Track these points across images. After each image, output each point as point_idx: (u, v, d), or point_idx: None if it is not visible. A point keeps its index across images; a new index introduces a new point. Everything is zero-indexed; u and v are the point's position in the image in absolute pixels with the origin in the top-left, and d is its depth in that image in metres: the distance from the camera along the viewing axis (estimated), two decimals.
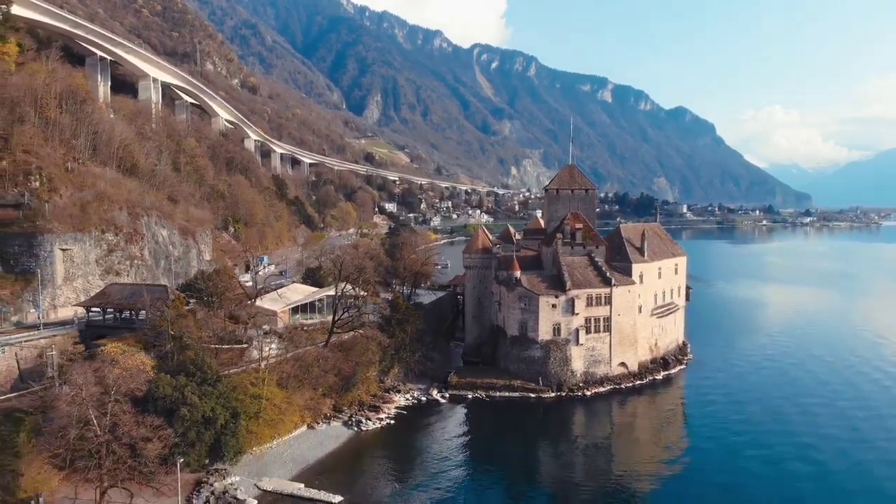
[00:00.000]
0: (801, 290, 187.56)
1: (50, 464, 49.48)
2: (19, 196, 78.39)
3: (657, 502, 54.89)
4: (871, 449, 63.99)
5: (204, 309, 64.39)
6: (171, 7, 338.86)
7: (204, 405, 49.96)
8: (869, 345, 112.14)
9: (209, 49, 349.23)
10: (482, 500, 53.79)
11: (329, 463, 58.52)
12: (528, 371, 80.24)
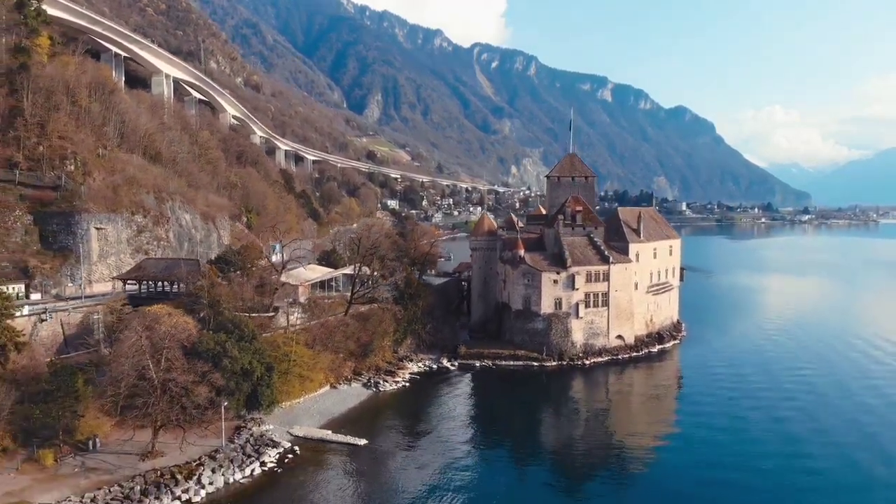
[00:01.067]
0: (794, 279, 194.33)
1: (102, 411, 55.41)
2: (57, 178, 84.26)
3: (652, 467, 55.75)
4: (853, 403, 69.78)
5: (235, 279, 69.92)
6: (175, 6, 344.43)
7: (242, 358, 55.65)
8: (853, 324, 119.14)
9: (213, 48, 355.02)
10: (488, 456, 57.58)
11: (352, 416, 64.32)
12: (532, 342, 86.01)
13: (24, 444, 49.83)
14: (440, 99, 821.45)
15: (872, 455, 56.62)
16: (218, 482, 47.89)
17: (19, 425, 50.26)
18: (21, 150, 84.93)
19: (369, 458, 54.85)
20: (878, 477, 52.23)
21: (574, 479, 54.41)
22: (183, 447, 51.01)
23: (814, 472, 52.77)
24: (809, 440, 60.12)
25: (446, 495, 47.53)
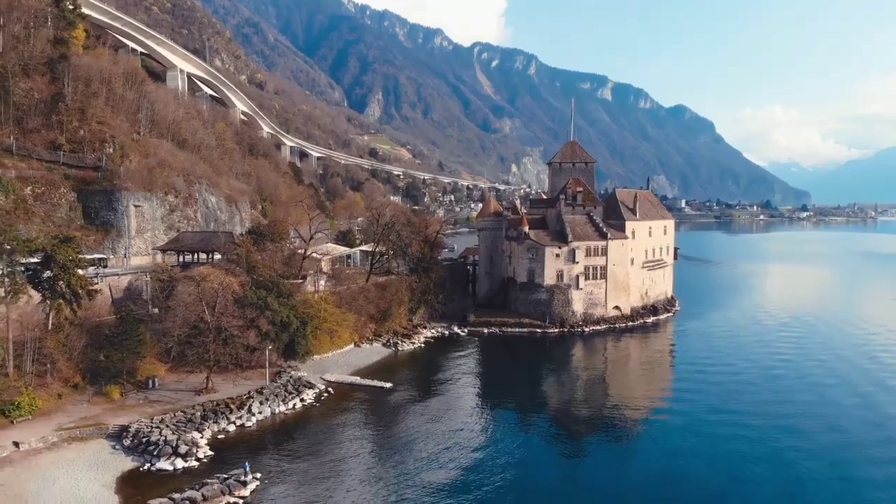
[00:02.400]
0: (786, 266, 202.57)
1: (157, 358, 62.64)
2: (97, 160, 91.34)
3: (646, 426, 57.68)
4: (830, 375, 76.03)
5: (269, 247, 77.04)
6: (180, 4, 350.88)
7: (281, 312, 62.69)
8: (837, 304, 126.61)
9: (217, 46, 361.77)
10: (495, 406, 62.43)
11: (374, 368, 71.51)
12: (535, 311, 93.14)
13: (91, 383, 56.94)
14: (441, 98, 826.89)
15: (847, 395, 63.61)
16: (266, 412, 55.08)
17: (87, 366, 57.37)
18: (64, 133, 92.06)
19: (393, 400, 61.92)
20: (859, 425, 55.75)
21: (573, 433, 56.74)
22: (236, 382, 58.14)
23: (800, 430, 55.07)
24: (797, 397, 63.88)
25: (456, 436, 52.43)
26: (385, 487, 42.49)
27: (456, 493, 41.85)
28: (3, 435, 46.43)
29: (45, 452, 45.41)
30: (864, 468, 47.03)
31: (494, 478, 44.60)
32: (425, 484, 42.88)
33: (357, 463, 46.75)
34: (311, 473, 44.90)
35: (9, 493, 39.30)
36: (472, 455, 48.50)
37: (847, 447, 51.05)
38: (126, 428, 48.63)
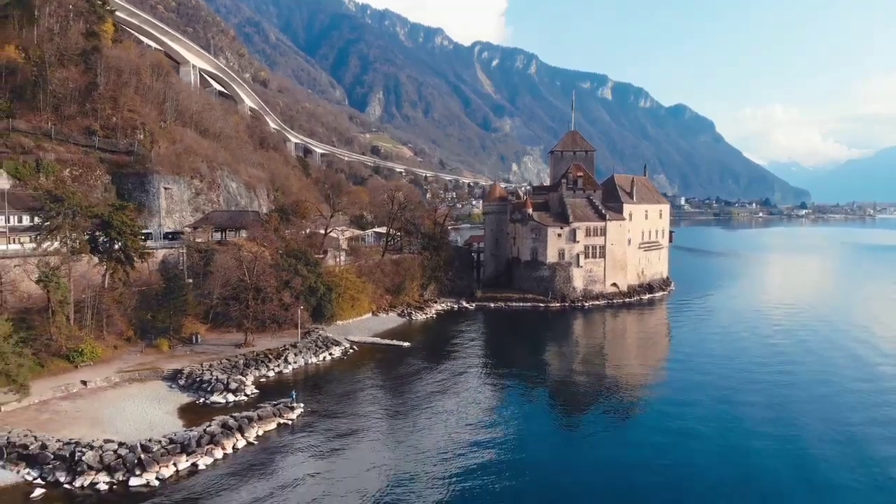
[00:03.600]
0: (779, 255, 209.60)
1: (197, 319, 69.04)
2: (129, 145, 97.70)
3: (641, 394, 58.70)
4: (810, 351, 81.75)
5: (295, 223, 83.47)
6: (185, 3, 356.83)
7: (309, 278, 69.11)
8: (823, 283, 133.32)
9: (222, 44, 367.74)
10: (500, 371, 66.41)
11: (392, 333, 77.85)
12: (539, 287, 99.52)
13: (142, 338, 63.33)
14: (441, 97, 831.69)
15: (826, 370, 69.52)
16: (300, 362, 61.53)
17: (138, 324, 63.77)
18: (98, 120, 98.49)
19: (410, 358, 68.19)
20: (840, 394, 58.06)
21: (570, 396, 58.71)
22: (274, 335, 64.65)
23: (787, 387, 58.52)
24: (785, 368, 66.48)
25: (464, 392, 56.89)
26: (402, 424, 48.12)
27: (458, 437, 45.77)
28: (71, 376, 52.77)
29: (110, 390, 51.76)
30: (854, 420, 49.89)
31: (494, 430, 47.65)
32: (432, 427, 47.79)
33: (379, 405, 52.95)
34: (342, 410, 51.20)
35: (86, 417, 45.60)
36: (476, 408, 52.62)
37: (828, 388, 55.44)
38: (179, 371, 55.01)
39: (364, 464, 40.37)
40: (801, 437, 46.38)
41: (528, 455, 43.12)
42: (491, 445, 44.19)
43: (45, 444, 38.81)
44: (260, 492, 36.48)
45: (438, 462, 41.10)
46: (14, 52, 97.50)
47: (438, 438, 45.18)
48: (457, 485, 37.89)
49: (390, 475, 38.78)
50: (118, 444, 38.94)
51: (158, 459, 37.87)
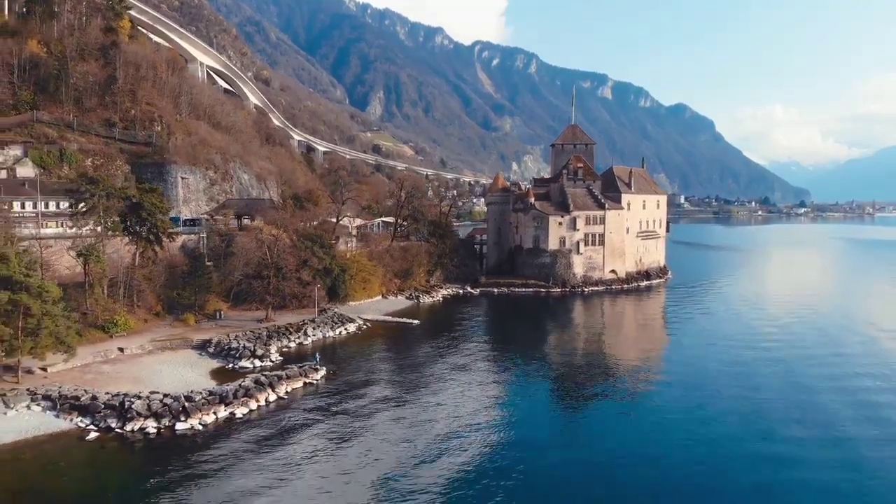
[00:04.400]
0: (774, 248, 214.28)
1: (219, 298, 73.06)
2: (148, 136, 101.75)
3: (640, 377, 58.34)
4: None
5: (309, 208, 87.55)
6: (188, 2, 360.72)
7: (324, 260, 73.15)
8: (812, 272, 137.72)
9: (224, 43, 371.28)
10: (503, 352, 68.60)
11: (402, 313, 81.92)
12: (540, 273, 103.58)
13: (169, 313, 67.40)
14: (441, 96, 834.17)
15: (815, 346, 73.67)
16: (318, 335, 65.66)
17: (165, 301, 67.83)
18: (117, 112, 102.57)
19: (419, 334, 72.32)
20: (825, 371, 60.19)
21: (570, 377, 58.85)
22: (293, 312, 68.75)
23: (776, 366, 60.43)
24: (774, 346, 70.02)
25: (468, 364, 60.43)
26: (411, 388, 51.86)
27: (462, 402, 48.93)
28: (107, 344, 56.81)
29: (145, 356, 55.80)
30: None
31: (493, 398, 50.38)
32: (438, 391, 51.50)
33: (391, 371, 57.06)
34: (358, 374, 55.27)
35: (127, 377, 49.61)
36: (479, 377, 55.98)
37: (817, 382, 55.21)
38: (208, 341, 59.09)
39: (379, 418, 44.38)
40: (771, 404, 49.04)
41: (525, 423, 45.05)
42: (489, 410, 47.45)
43: (95, 395, 42.87)
44: (287, 437, 40.55)
45: (442, 418, 44.97)
46: (36, 47, 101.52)
47: (445, 398, 49.23)
48: (456, 437, 41.48)
49: (400, 428, 42.66)
50: (163, 395, 43.03)
51: (200, 408, 41.96)
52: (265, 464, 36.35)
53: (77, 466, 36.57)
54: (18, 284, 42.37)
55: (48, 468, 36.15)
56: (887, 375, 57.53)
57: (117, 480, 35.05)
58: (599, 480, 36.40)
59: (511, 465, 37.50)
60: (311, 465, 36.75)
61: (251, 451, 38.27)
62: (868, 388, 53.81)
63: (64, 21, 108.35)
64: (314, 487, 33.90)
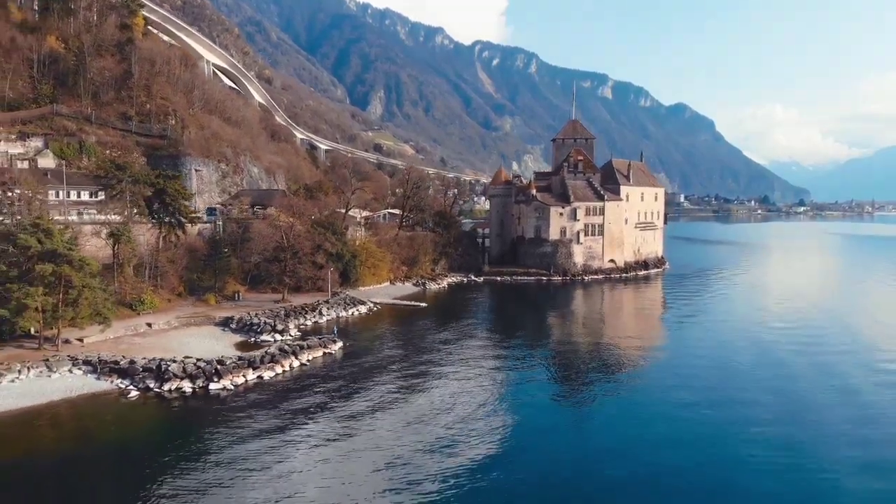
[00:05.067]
0: (769, 241, 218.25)
1: (236, 281, 76.67)
2: (163, 129, 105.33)
3: (638, 362, 58.65)
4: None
5: (321, 197, 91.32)
6: (190, 2, 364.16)
7: (336, 245, 76.77)
8: (804, 267, 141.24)
9: (227, 42, 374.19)
10: (506, 335, 70.71)
11: (409, 298, 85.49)
12: (542, 262, 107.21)
13: (190, 294, 71.02)
14: (442, 96, 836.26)
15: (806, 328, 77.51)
16: (332, 315, 69.32)
17: (187, 283, 71.46)
18: (133, 106, 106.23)
19: (426, 315, 75.92)
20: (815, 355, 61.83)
21: (571, 367, 58.06)
22: (307, 294, 72.44)
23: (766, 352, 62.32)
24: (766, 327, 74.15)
25: (473, 341, 64.38)
26: (420, 361, 55.37)
27: (466, 374, 53.16)
28: (136, 320, 60.40)
29: (172, 331, 59.38)
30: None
31: (494, 373, 53.04)
32: (444, 364, 55.04)
33: (401, 345, 60.70)
34: (371, 348, 58.97)
35: (158, 347, 53.13)
36: (483, 353, 59.64)
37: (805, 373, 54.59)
38: (230, 318, 62.73)
39: (391, 386, 47.81)
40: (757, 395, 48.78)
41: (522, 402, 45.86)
42: (491, 386, 50.08)
43: (133, 360, 46.47)
44: (309, 397, 44.18)
45: (446, 390, 48.36)
46: (55, 43, 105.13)
47: (450, 371, 52.70)
48: (458, 406, 44.33)
49: (408, 395, 45.90)
50: (196, 359, 46.63)
51: (231, 371, 45.59)
52: (289, 421, 39.76)
53: (121, 419, 40.16)
54: (62, 257, 45.92)
55: (95, 420, 39.78)
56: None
57: (158, 430, 38.71)
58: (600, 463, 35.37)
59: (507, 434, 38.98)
60: (330, 423, 40.15)
61: (277, 409, 41.81)
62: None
63: (80, 18, 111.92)
64: (334, 441, 37.11)
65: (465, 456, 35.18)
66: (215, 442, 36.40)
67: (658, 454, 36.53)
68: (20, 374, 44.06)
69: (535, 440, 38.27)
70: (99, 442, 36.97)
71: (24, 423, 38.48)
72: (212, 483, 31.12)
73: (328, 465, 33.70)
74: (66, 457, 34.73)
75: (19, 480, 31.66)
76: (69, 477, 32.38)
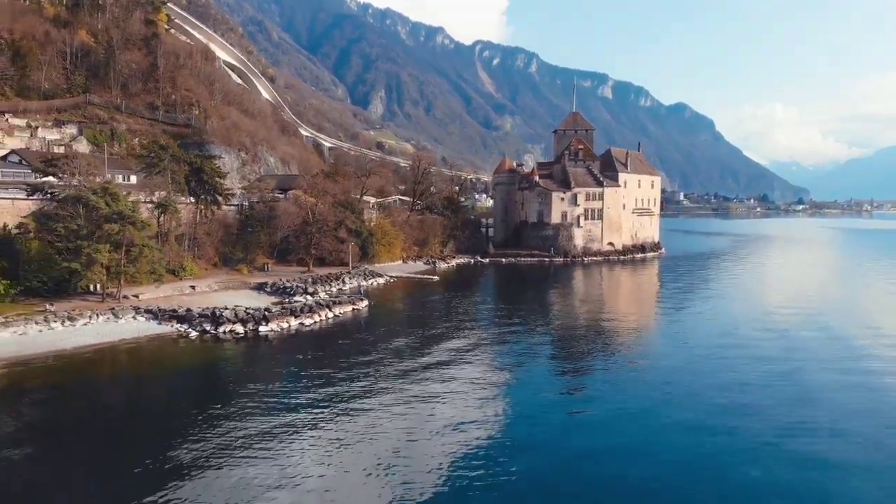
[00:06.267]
0: (762, 233, 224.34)
1: (265, 254, 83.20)
2: (188, 119, 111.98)
3: (636, 339, 58.10)
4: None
5: (341, 181, 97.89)
6: (195, 1, 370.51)
7: (355, 223, 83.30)
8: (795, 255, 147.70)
9: (231, 41, 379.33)
10: (509, 313, 79.73)
11: (422, 273, 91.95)
12: (544, 245, 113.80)
13: (224, 265, 77.54)
14: (442, 95, 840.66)
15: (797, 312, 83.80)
16: (353, 284, 75.92)
17: (221, 254, 77.97)
18: (159, 97, 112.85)
19: (438, 287, 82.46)
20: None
21: (571, 342, 58.14)
22: (331, 267, 78.91)
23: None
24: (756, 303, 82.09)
25: (481, 309, 72.26)
26: (431, 318, 62.18)
27: (473, 339, 60.36)
28: (181, 284, 66.76)
29: (213, 293, 65.79)
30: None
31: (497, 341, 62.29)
32: (455, 322, 62.17)
33: (418, 307, 67.39)
34: (392, 307, 65.61)
35: (205, 303, 59.47)
36: (489, 322, 67.16)
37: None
38: (264, 283, 69.31)
39: (411, 337, 54.12)
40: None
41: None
42: (495, 355, 57.54)
43: (190, 308, 52.99)
44: (342, 342, 50.51)
45: (458, 342, 55.13)
46: (86, 37, 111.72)
47: (461, 324, 59.45)
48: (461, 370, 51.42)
49: (425, 343, 51.98)
50: (245, 307, 53.15)
51: (277, 317, 52.18)
52: (325, 360, 45.37)
53: (184, 354, 46.59)
54: (126, 218, 52.40)
55: (160, 353, 46.29)
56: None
57: (218, 364, 45.14)
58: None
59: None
60: (358, 363, 46.22)
61: (315, 349, 48.20)
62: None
63: (108, 14, 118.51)
64: (362, 378, 42.41)
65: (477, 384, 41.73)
66: (263, 372, 42.67)
67: (667, 415, 34.89)
68: (91, 319, 50.48)
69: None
70: (163, 367, 43.54)
71: (100, 354, 44.88)
72: (256, 406, 35.43)
73: (357, 398, 37.44)
74: (137, 376, 41.53)
75: (97, 393, 38.04)
76: (138, 392, 39.05)
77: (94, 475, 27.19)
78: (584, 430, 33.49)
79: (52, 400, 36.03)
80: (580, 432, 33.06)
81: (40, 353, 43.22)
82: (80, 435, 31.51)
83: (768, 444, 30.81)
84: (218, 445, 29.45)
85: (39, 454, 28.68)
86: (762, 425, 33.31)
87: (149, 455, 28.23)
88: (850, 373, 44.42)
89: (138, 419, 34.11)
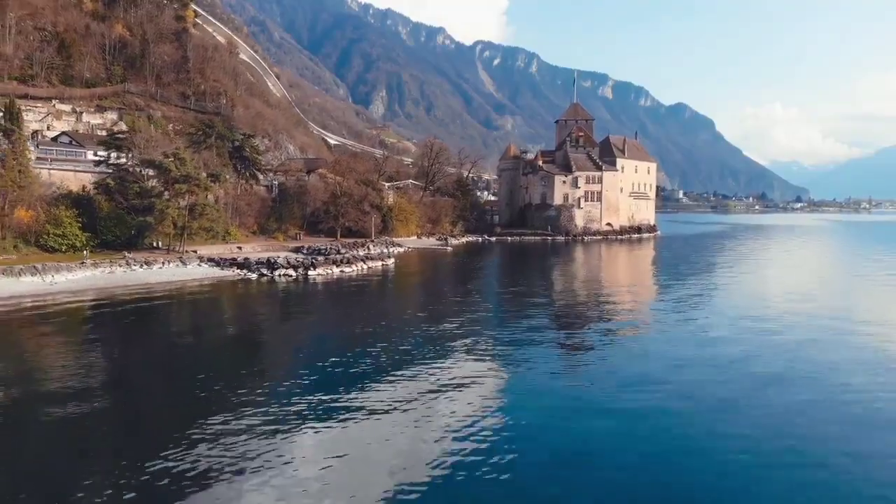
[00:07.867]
0: (761, 226, 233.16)
1: (295, 226, 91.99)
2: (216, 107, 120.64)
3: (633, 309, 59.24)
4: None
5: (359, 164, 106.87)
6: (200, 1, 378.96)
7: (377, 198, 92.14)
8: (789, 245, 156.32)
9: (236, 40, 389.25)
10: (514, 285, 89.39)
11: (436, 247, 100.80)
12: (546, 225, 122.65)
13: (262, 233, 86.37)
14: (443, 95, 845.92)
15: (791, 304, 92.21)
16: (377, 251, 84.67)
17: (259, 224, 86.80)
18: (190, 87, 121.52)
19: (451, 255, 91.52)
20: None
21: (569, 313, 71.31)
22: (355, 237, 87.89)
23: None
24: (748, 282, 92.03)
25: (488, 279, 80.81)
26: (446, 275, 71.49)
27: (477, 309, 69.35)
28: (227, 246, 75.55)
29: (257, 253, 74.50)
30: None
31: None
32: (459, 295, 70.94)
33: (435, 268, 76.52)
34: (412, 267, 74.40)
35: (254, 256, 68.39)
36: (495, 293, 75.80)
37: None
38: (301, 247, 78.20)
39: (430, 287, 63.23)
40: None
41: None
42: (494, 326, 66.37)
43: (248, 257, 61.76)
44: (376, 288, 59.38)
45: (457, 302, 63.81)
46: (122, 30, 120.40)
47: (472, 285, 68.19)
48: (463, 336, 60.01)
49: (438, 295, 61.27)
50: (295, 257, 61.99)
51: (322, 265, 61.02)
52: (364, 300, 53.95)
53: (246, 291, 55.30)
54: (193, 179, 61.15)
55: (228, 291, 55.01)
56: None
57: (276, 297, 53.88)
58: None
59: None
60: (387, 304, 55.32)
61: (355, 292, 56.99)
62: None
63: (142, 9, 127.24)
64: (395, 313, 52.01)
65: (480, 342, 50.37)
66: (309, 307, 51.34)
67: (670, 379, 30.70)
68: (163, 265, 59.29)
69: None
70: (233, 294, 52.38)
71: (174, 288, 53.55)
72: (300, 331, 44.45)
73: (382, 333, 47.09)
74: (207, 299, 50.46)
75: (174, 313, 46.75)
76: (214, 307, 47.88)
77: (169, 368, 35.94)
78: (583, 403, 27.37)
79: (141, 313, 44.63)
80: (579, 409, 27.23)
81: (130, 286, 52.04)
82: (169, 344, 40.36)
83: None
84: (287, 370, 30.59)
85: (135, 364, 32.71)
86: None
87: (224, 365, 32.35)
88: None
89: (216, 329, 42.34)
